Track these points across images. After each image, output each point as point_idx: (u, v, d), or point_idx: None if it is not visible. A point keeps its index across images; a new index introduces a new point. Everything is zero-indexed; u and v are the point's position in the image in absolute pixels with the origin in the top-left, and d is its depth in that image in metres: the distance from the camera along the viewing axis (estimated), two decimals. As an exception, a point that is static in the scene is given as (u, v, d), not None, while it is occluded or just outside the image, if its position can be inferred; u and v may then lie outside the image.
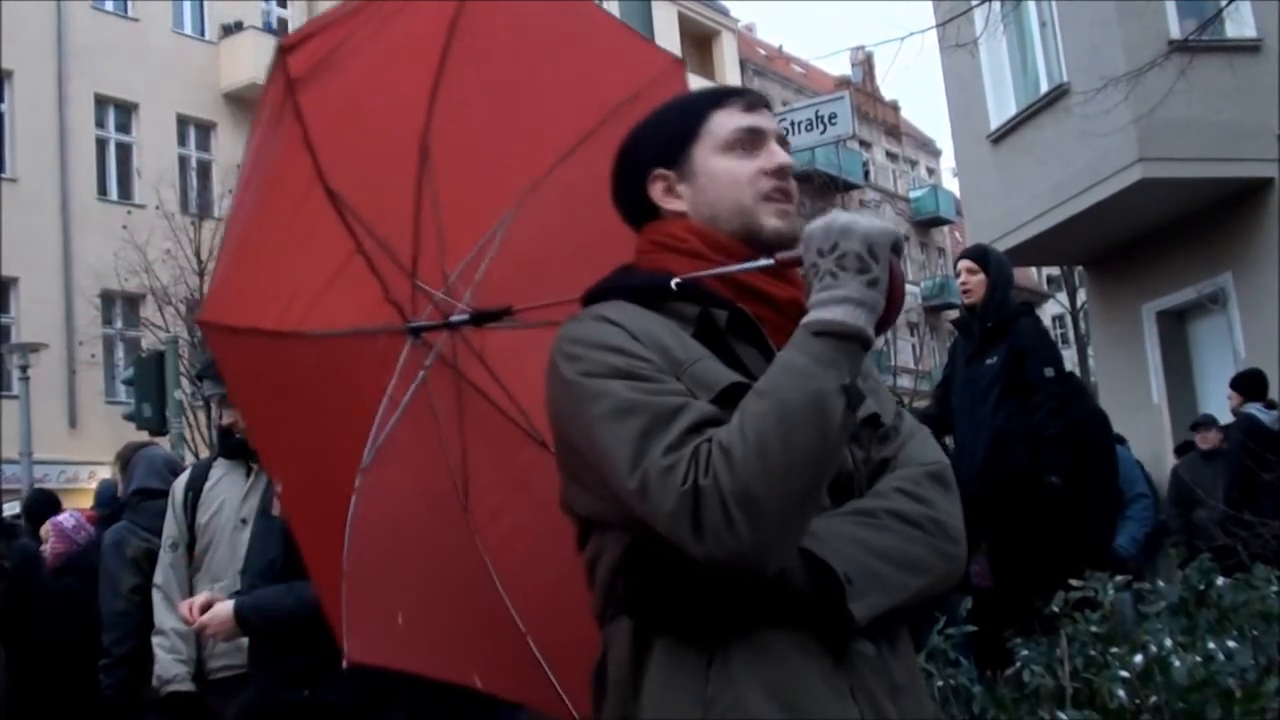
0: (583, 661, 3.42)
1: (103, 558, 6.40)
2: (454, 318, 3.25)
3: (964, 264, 7.12)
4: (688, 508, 1.90)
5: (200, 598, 4.48)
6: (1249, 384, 10.53)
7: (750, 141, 2.35)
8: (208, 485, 5.39)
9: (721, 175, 2.34)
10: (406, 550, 3.29)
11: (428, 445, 3.28)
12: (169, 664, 5.39)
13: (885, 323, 2.05)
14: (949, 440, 7.04)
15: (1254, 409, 10.07)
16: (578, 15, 3.33)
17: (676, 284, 2.23)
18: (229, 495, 5.27)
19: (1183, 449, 12.54)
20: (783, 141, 2.41)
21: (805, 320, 2.03)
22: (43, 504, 9.05)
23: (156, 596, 5.49)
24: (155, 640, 5.45)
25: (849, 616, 1.98)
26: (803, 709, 1.99)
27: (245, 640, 4.60)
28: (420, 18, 3.11)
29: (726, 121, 2.37)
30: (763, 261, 2.23)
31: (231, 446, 5.25)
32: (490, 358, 3.40)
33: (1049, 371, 6.62)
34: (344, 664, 3.15)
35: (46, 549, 7.73)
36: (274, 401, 3.07)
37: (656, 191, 2.40)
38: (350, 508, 3.10)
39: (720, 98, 2.42)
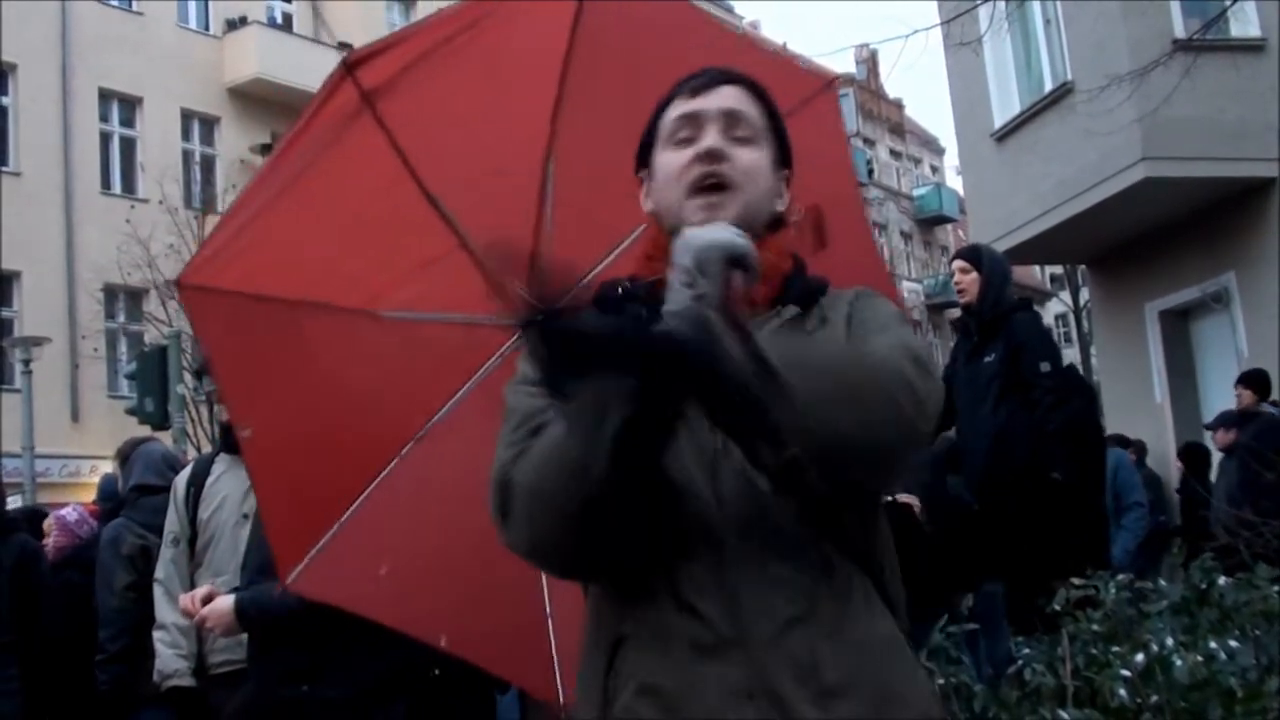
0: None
1: (99, 554, 6.41)
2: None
3: (957, 264, 7.11)
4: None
5: (201, 590, 4.48)
6: (1259, 382, 10.47)
7: (690, 128, 2.26)
8: (210, 480, 5.39)
9: (662, 172, 2.28)
10: (428, 513, 3.37)
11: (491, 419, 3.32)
12: (170, 659, 5.39)
13: (738, 332, 1.87)
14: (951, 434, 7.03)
15: (1270, 409, 10.02)
16: (675, 8, 3.35)
17: (624, 289, 2.20)
18: (231, 491, 5.26)
19: (1187, 452, 12.48)
20: (733, 119, 2.26)
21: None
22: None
23: (158, 591, 5.48)
24: (156, 635, 5.45)
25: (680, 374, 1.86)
26: (686, 713, 1.95)
27: (245, 635, 4.59)
28: (533, 22, 3.15)
29: (671, 113, 2.30)
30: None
31: (233, 442, 5.24)
32: None
33: (1045, 366, 6.59)
34: (277, 589, 3.37)
35: (49, 542, 7.73)
36: (261, 362, 3.14)
37: (640, 195, 2.36)
38: (388, 466, 3.24)
39: (678, 91, 2.33)
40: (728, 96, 2.29)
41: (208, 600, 4.37)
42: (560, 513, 1.95)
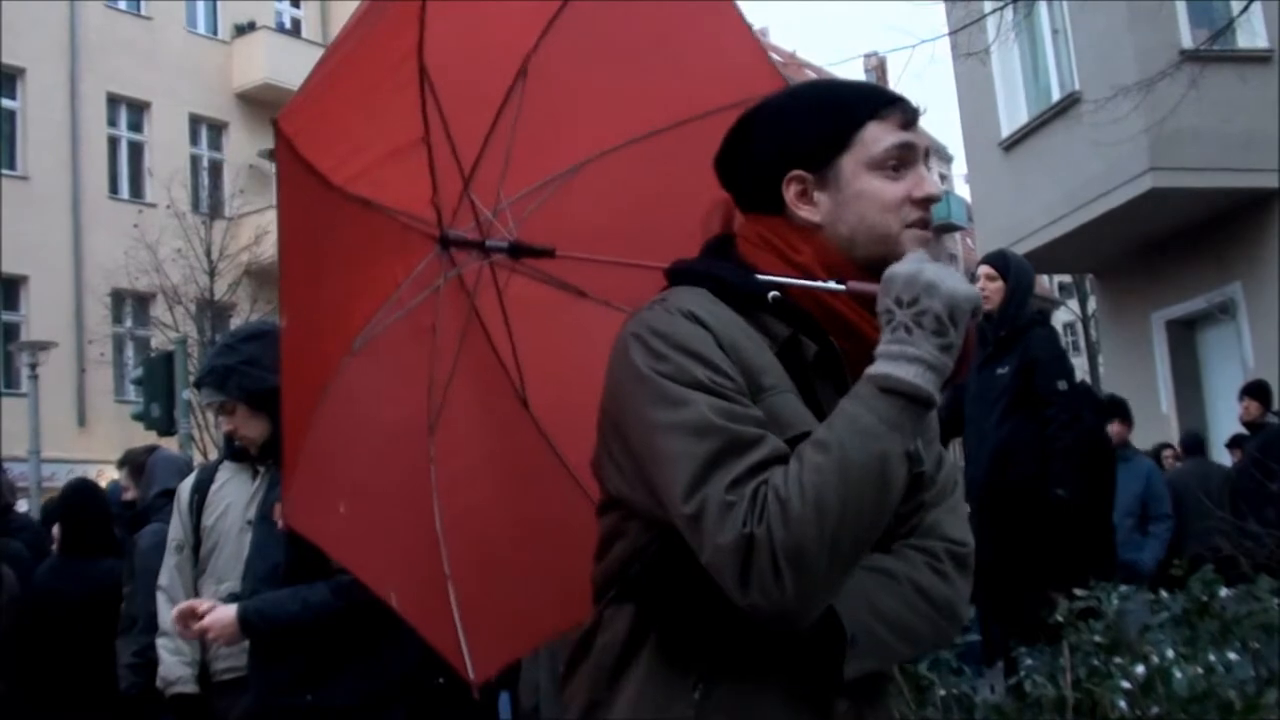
0: (497, 628, 3.43)
1: (140, 559, 6.41)
2: (491, 242, 3.21)
3: (983, 269, 7.05)
4: (739, 554, 1.85)
5: (199, 603, 4.49)
6: (1262, 393, 10.45)
7: (901, 161, 2.20)
8: (214, 488, 5.39)
9: (869, 196, 2.18)
10: (362, 446, 3.23)
11: (415, 356, 3.25)
12: (173, 666, 5.39)
13: (946, 384, 1.98)
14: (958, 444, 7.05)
15: (1276, 418, 10.01)
16: (714, 7, 3.28)
17: (774, 298, 2.14)
18: (235, 498, 5.26)
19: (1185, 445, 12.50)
20: (927, 155, 2.28)
21: (872, 372, 1.95)
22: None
23: (161, 598, 5.49)
24: (159, 642, 5.45)
25: (838, 673, 1.97)
26: None
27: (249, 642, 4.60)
28: None
29: (882, 136, 2.20)
30: (833, 285, 2.14)
31: (237, 449, 5.25)
32: (509, 301, 3.39)
33: (1062, 385, 6.59)
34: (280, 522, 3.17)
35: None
36: (309, 241, 2.96)
37: (790, 193, 2.22)
38: (329, 383, 3.04)
39: (877, 105, 2.23)
40: (924, 135, 2.31)
41: (205, 614, 4.38)
42: (847, 559, 1.90)
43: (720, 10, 3.29)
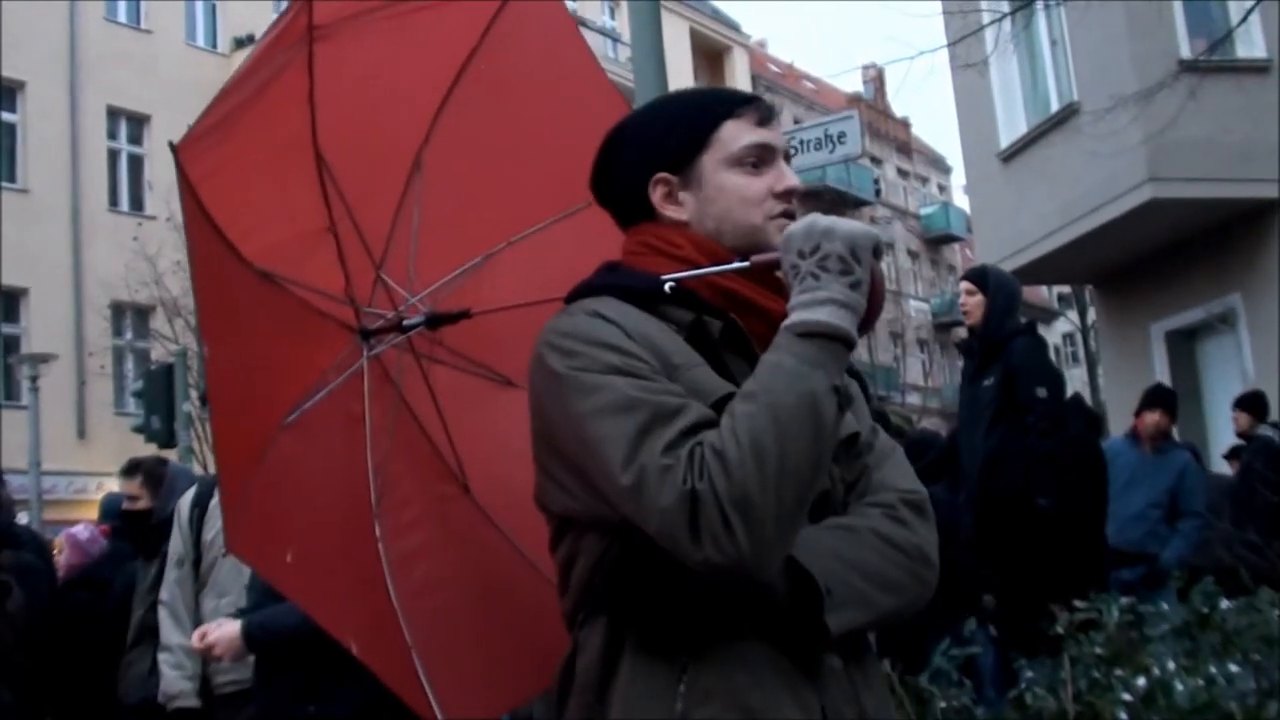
0: (468, 694, 3.43)
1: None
2: (407, 322, 3.26)
3: (963, 285, 7.13)
4: (684, 512, 1.87)
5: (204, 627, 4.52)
6: (1258, 405, 10.44)
7: (760, 158, 2.29)
8: (214, 502, 5.39)
9: (730, 191, 2.27)
10: (303, 520, 3.25)
11: (348, 442, 3.27)
12: (175, 680, 5.40)
13: (865, 325, 2.04)
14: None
15: (1269, 431, 9.98)
16: (601, 93, 3.35)
17: (670, 287, 2.20)
18: (235, 512, 5.27)
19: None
20: (787, 156, 2.35)
21: (788, 322, 2.02)
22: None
23: (162, 613, 5.50)
24: (161, 657, 5.47)
25: (824, 628, 1.98)
26: None
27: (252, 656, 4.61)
28: (452, 24, 3.12)
29: (739, 134, 2.29)
30: (738, 264, 2.21)
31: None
32: (439, 393, 3.43)
33: (1041, 392, 6.58)
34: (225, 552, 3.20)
35: (60, 561, 7.73)
36: (224, 298, 2.97)
37: (657, 196, 2.31)
38: (265, 449, 3.05)
39: (732, 106, 2.33)
40: (780, 134, 2.37)
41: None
42: (794, 503, 1.92)
43: (608, 99, 3.33)
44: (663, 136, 2.35)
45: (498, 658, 3.43)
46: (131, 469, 6.89)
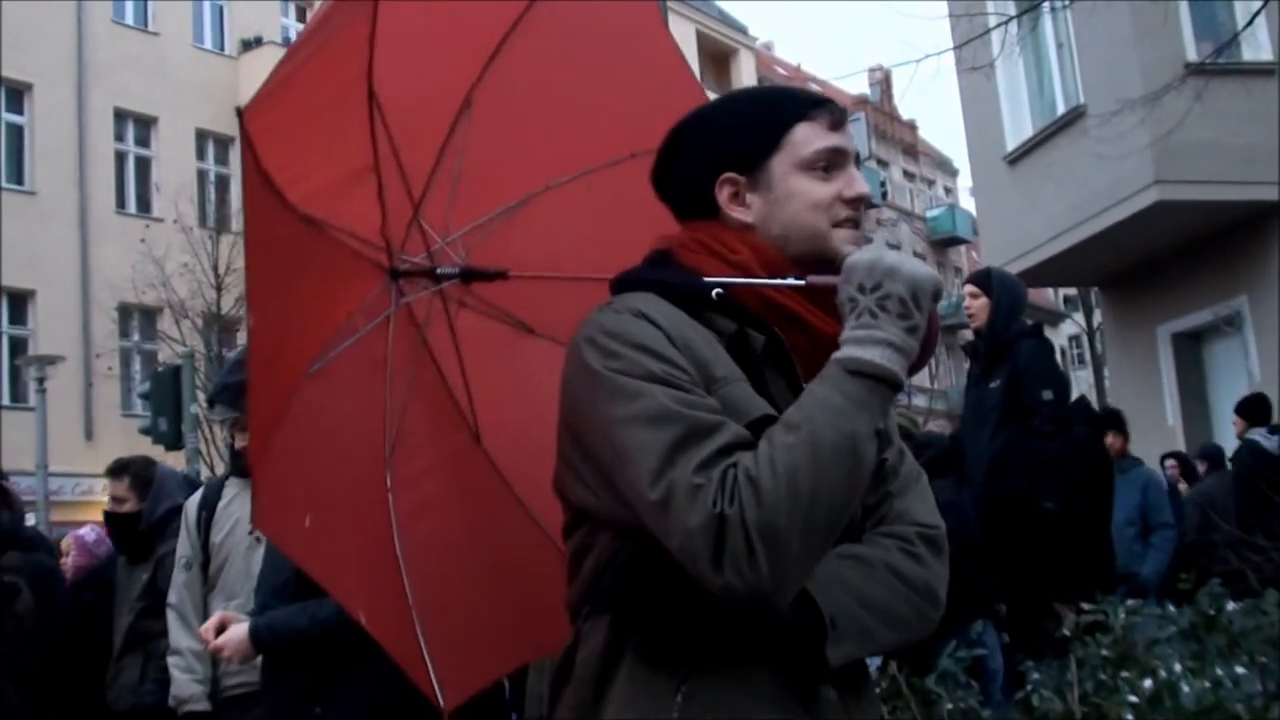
0: (463, 657, 3.43)
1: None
2: (442, 269, 3.24)
3: (967, 288, 7.13)
4: (710, 535, 1.84)
5: (215, 618, 4.50)
6: (1252, 409, 10.46)
7: (831, 163, 2.25)
8: (221, 504, 5.40)
9: (799, 196, 2.23)
10: (323, 472, 3.24)
11: (368, 387, 3.26)
12: (185, 684, 5.40)
13: (914, 368, 2.03)
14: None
15: (1258, 434, 10.00)
16: (659, 49, 3.36)
17: (717, 295, 2.17)
18: (243, 514, 5.26)
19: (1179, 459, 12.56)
20: (857, 160, 2.32)
21: (839, 356, 1.99)
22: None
23: (171, 616, 5.50)
24: (171, 660, 5.46)
25: (823, 660, 1.97)
26: None
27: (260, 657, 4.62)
28: None
29: (811, 138, 2.26)
30: (793, 280, 2.17)
31: (245, 465, 5.26)
32: (460, 336, 3.41)
33: (1047, 394, 6.56)
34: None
35: (67, 562, 7.74)
36: (272, 250, 2.93)
37: (723, 195, 2.28)
38: (290, 399, 3.03)
39: (805, 108, 2.28)
40: (852, 138, 2.33)
41: (221, 628, 4.40)
42: (821, 538, 1.91)
43: (663, 47, 3.35)
44: (732, 135, 2.32)
45: (497, 617, 3.42)
46: (119, 470, 6.78)
